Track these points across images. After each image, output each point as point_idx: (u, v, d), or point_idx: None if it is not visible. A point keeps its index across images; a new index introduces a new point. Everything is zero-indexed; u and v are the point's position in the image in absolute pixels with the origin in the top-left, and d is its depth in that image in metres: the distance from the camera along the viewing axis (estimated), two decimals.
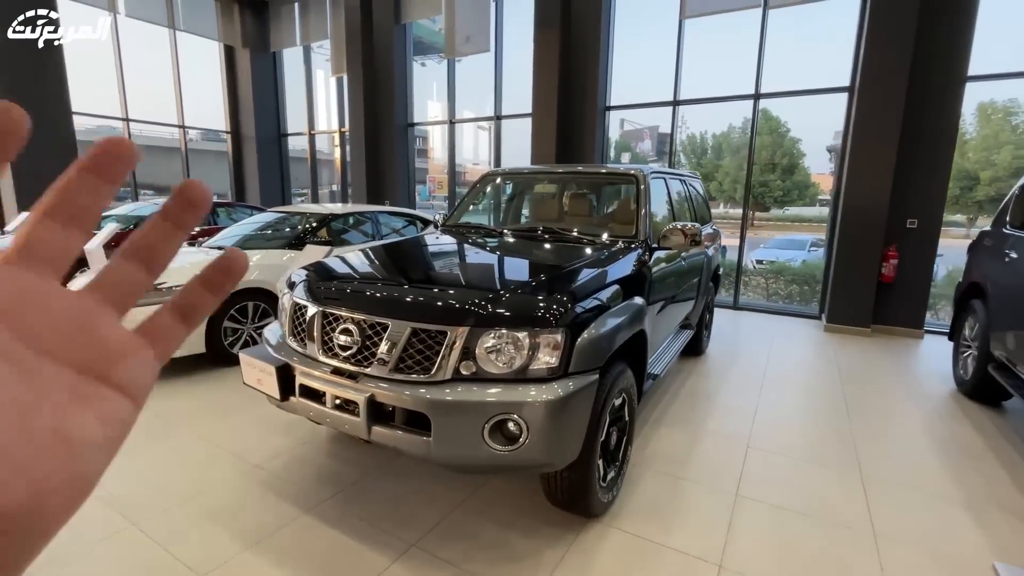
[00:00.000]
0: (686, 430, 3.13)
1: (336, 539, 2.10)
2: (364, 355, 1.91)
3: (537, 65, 6.94)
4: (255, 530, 2.13)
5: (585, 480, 2.01)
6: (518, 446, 1.71)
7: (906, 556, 2.06)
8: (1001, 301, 3.30)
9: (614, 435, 2.25)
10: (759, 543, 2.12)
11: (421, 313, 1.86)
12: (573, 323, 1.84)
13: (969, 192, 16.36)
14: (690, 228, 2.75)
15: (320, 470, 2.62)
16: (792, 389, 3.88)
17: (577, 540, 2.10)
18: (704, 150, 20.88)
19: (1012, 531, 2.23)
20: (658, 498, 2.41)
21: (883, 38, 4.98)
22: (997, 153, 17.05)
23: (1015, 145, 17.25)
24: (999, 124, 17.55)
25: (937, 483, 2.61)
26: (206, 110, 11.00)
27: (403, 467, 2.63)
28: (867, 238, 5.28)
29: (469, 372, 1.79)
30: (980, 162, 16.88)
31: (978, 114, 17.86)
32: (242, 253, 0.28)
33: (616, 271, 2.38)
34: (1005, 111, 17.57)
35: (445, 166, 9.59)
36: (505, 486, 2.47)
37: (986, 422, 3.33)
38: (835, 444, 2.99)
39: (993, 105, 17.13)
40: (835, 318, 5.52)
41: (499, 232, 3.24)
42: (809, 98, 6.11)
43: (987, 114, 17.23)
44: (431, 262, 2.71)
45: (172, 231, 0.25)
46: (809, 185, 20.35)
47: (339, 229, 5.09)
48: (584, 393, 1.83)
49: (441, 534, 2.13)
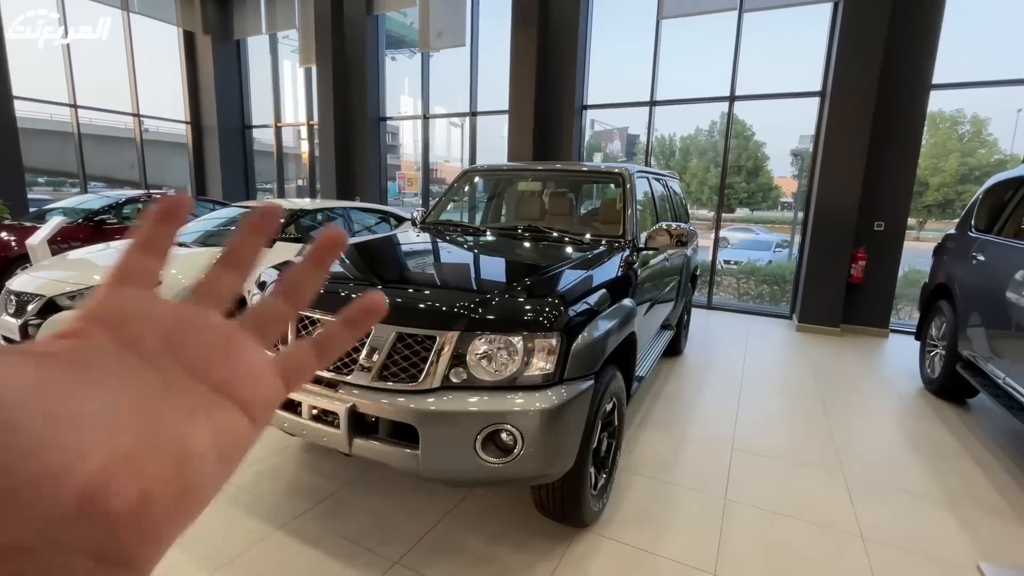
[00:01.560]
0: (671, 433, 3.10)
1: (313, 558, 1.95)
2: (344, 361, 1.78)
3: (515, 63, 6.84)
4: (223, 550, 1.96)
5: (578, 489, 1.93)
6: (513, 457, 1.61)
7: (894, 557, 2.07)
8: (969, 302, 3.41)
9: (604, 441, 2.18)
10: (751, 549, 2.09)
11: (407, 316, 1.74)
12: (568, 327, 1.76)
13: (920, 197, 17.23)
14: (675, 228, 2.72)
15: (293, 483, 2.45)
16: (770, 389, 3.92)
17: (568, 552, 2.02)
18: (672, 152, 21.30)
19: (991, 530, 2.28)
20: (647, 505, 2.36)
21: (854, 46, 5.10)
22: (945, 160, 18.02)
23: (960, 152, 18.29)
24: (946, 133, 18.56)
25: (916, 482, 2.65)
26: (163, 98, 10.44)
27: (383, 478, 2.49)
28: (838, 240, 5.42)
29: (459, 379, 1.67)
30: (929, 168, 17.79)
31: (928, 123, 18.79)
32: (381, 295, 0.30)
33: (605, 272, 2.31)
34: (952, 120, 18.61)
35: (417, 162, 9.39)
36: (492, 496, 2.36)
37: (955, 419, 3.43)
38: (816, 444, 3.01)
39: (941, 115, 18.12)
40: (806, 318, 5.65)
41: (482, 231, 3.13)
42: (773, 103, 6.24)
43: (935, 123, 18.18)
44: (414, 261, 2.58)
45: (315, 270, 0.29)
46: (772, 187, 21.05)
47: (308, 226, 4.86)
48: (580, 400, 1.75)
49: (426, 550, 2.01)
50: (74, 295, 3.42)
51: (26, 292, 3.48)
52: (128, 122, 9.90)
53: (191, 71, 10.38)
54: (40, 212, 6.60)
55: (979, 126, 18.68)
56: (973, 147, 18.52)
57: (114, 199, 6.49)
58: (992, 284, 3.12)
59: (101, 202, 6.43)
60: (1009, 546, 2.18)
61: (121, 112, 9.61)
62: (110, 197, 6.65)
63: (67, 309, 3.38)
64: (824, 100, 5.59)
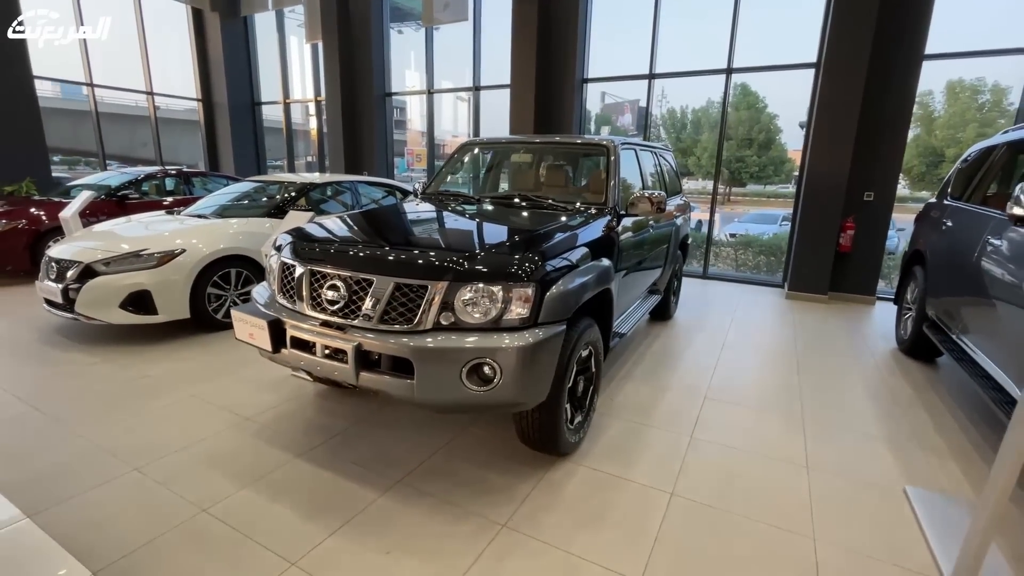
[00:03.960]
0: (651, 384, 3.39)
1: (328, 478, 2.29)
2: (350, 309, 2.08)
3: (516, 36, 6.95)
4: (251, 471, 2.31)
5: (554, 421, 2.24)
6: (492, 387, 1.91)
7: (829, 481, 2.36)
8: (936, 266, 3.61)
9: (581, 383, 2.47)
10: (707, 474, 2.39)
11: (404, 269, 2.03)
12: (543, 279, 2.03)
13: (935, 169, 16.95)
14: (656, 196, 2.95)
15: (309, 422, 2.79)
16: (750, 349, 4.18)
17: (547, 476, 2.34)
18: (684, 125, 21.06)
19: (927, 464, 2.56)
20: (622, 442, 2.67)
21: (847, 16, 5.16)
22: (963, 131, 17.64)
23: (979, 123, 17.84)
24: (966, 102, 18.08)
25: (867, 426, 2.93)
26: (175, 76, 10.67)
27: (387, 418, 2.83)
28: (827, 210, 5.58)
29: (448, 322, 1.97)
30: (946, 140, 17.43)
31: (947, 92, 18.21)
32: None
33: (586, 235, 2.56)
34: (972, 89, 18.10)
35: (424, 137, 9.55)
36: (482, 433, 2.69)
37: (919, 376, 3.68)
38: (783, 395, 3.29)
39: (961, 83, 17.64)
40: (796, 286, 5.86)
41: (476, 199, 3.38)
42: (787, 74, 6.29)
43: (955, 92, 17.73)
44: (411, 226, 2.85)
45: None
46: (785, 160, 20.76)
47: (317, 199, 5.14)
48: (552, 341, 2.03)
49: (424, 473, 2.35)
50: (108, 261, 3.76)
51: (65, 259, 3.83)
52: (139, 100, 10.16)
53: (201, 48, 10.56)
54: (66, 189, 6.96)
55: (1000, 96, 18.17)
56: (992, 117, 18.06)
57: (133, 175, 6.81)
58: (953, 247, 3.32)
59: (122, 178, 6.76)
60: (938, 477, 2.46)
61: (136, 91, 9.87)
62: (129, 173, 6.98)
63: (102, 275, 3.73)
64: (818, 71, 5.67)
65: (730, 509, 2.15)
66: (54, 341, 3.93)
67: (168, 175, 7.18)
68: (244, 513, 2.04)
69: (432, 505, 2.12)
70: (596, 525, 2.03)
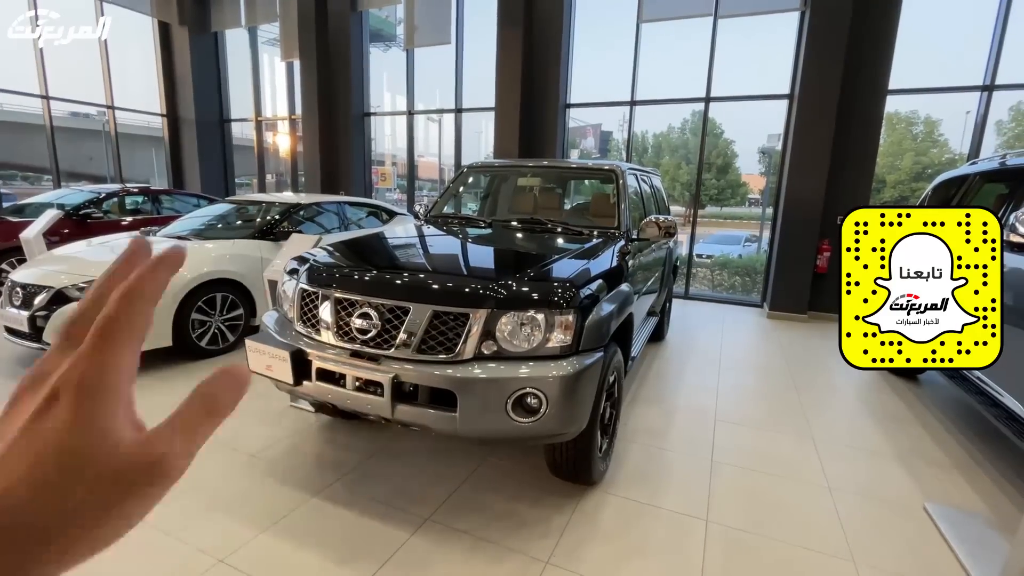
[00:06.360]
0: (659, 407, 3.40)
1: (350, 518, 2.16)
2: (384, 338, 1.99)
3: (501, 62, 7.05)
4: (267, 514, 2.15)
5: (588, 449, 2.19)
6: (538, 417, 1.85)
7: (854, 501, 2.41)
8: None
9: (607, 409, 2.45)
10: (735, 499, 2.40)
11: (443, 297, 1.96)
12: (582, 305, 2.01)
13: (878, 194, 18.20)
14: (664, 221, 3.00)
15: (318, 457, 2.64)
16: (746, 369, 4.28)
17: (579, 506, 2.28)
18: (645, 149, 21.88)
19: (934, 478, 2.65)
20: (645, 467, 2.64)
21: (819, 53, 5.51)
22: (901, 159, 19.08)
23: (915, 152, 19.39)
24: (902, 133, 19.64)
25: (873, 442, 3.02)
26: (137, 90, 10.22)
27: (399, 450, 2.70)
28: (805, 233, 5.84)
29: (490, 351, 1.91)
30: (886, 167, 18.79)
31: (885, 123, 19.68)
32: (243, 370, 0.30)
33: (606, 260, 2.57)
34: (907, 121, 19.69)
35: (393, 157, 9.47)
36: (502, 463, 2.61)
37: (906, 392, 3.85)
38: (788, 414, 3.37)
39: (898, 115, 19.18)
40: (776, 306, 6.07)
41: (487, 223, 3.35)
42: (741, 103, 6.65)
43: (892, 124, 19.22)
44: (436, 251, 2.79)
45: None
46: (740, 184, 21.91)
47: (299, 221, 4.92)
48: (592, 368, 2.00)
49: (453, 508, 2.24)
50: (82, 287, 3.49)
51: (32, 284, 3.53)
52: (92, 113, 9.64)
53: (167, 63, 10.18)
54: (17, 207, 6.48)
55: (931, 127, 19.79)
56: (926, 147, 19.64)
57: (95, 194, 6.41)
58: None
59: (81, 197, 6.35)
60: (949, 491, 2.55)
61: (95, 104, 9.38)
62: (90, 192, 6.56)
63: (75, 300, 3.45)
64: (792, 103, 6.00)
65: (766, 535, 2.15)
66: (16, 374, 3.59)
67: (129, 193, 6.79)
68: (268, 561, 1.88)
69: (469, 544, 2.02)
70: (639, 557, 1.98)
